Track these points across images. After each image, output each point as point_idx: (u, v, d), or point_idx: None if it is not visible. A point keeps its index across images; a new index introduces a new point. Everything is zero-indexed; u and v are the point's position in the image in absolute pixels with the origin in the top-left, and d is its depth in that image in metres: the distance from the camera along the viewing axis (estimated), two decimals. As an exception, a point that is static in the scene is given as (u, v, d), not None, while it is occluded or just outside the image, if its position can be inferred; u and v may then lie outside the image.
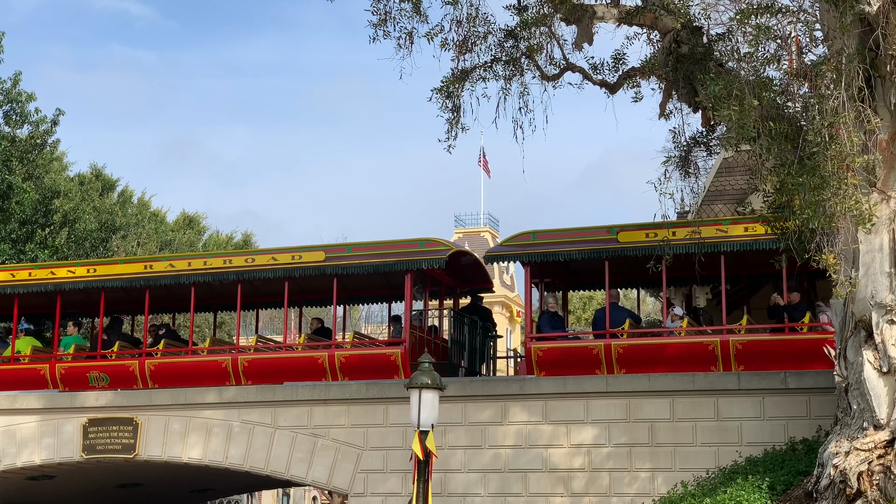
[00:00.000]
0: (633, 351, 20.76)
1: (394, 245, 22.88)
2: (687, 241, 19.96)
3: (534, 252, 21.51)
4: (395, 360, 21.99)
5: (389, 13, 18.61)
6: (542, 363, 21.08)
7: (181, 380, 23.36)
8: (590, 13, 17.83)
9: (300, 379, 22.62)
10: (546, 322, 21.87)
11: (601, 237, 21.23)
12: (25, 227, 36.69)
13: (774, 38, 15.93)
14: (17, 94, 37.28)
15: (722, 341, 20.18)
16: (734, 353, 20.09)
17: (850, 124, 14.29)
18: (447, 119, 18.97)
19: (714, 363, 20.18)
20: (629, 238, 20.84)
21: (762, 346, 20.16)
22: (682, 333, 20.92)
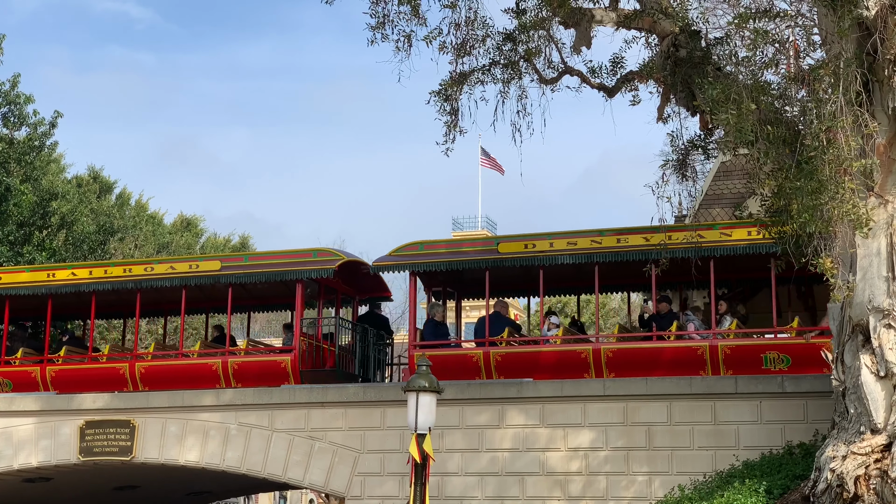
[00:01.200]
0: (510, 359, 21.51)
1: (287, 255, 23.91)
2: (564, 252, 21.11)
3: (419, 262, 22.26)
4: (286, 367, 22.76)
5: (388, 16, 18.60)
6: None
7: (81, 385, 24.05)
8: (588, 17, 17.84)
9: (195, 386, 23.32)
10: (430, 330, 22.62)
11: (483, 248, 22.24)
12: (23, 229, 36.68)
13: (772, 42, 15.94)
14: (15, 95, 37.28)
15: (594, 349, 21.01)
16: (605, 361, 20.82)
17: (847, 128, 14.30)
18: (445, 122, 18.97)
19: (587, 371, 20.96)
20: (509, 249, 21.67)
21: (630, 354, 20.88)
22: (557, 342, 21.56)
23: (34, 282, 24.81)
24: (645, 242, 20.65)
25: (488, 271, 21.94)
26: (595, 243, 21.14)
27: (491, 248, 22.12)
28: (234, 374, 23.19)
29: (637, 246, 20.82)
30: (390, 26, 18.61)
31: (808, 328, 20.56)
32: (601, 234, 21.32)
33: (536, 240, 21.67)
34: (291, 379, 22.62)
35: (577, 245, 21.11)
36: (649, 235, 20.53)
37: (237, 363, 23.27)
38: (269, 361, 23.35)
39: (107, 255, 40.18)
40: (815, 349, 18.90)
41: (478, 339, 22.38)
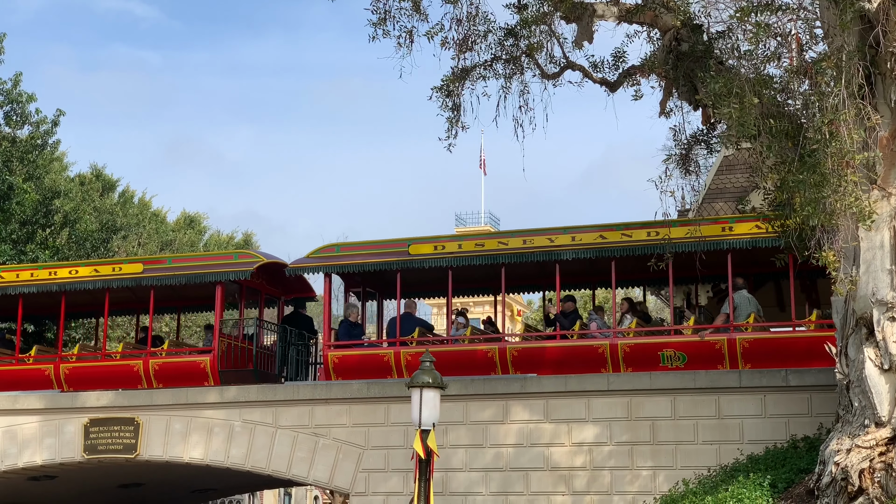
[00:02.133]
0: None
1: (209, 257, 25.14)
2: (474, 253, 21.78)
3: (333, 264, 22.84)
4: (205, 368, 23.26)
5: (389, 12, 18.60)
6: (338, 369, 22.33)
7: (7, 386, 24.39)
8: (590, 11, 17.83)
9: (119, 386, 23.84)
10: (344, 331, 23.05)
11: (395, 250, 22.53)
12: (26, 227, 36.70)
13: (774, 35, 15.91)
14: (17, 94, 37.28)
15: (500, 348, 21.56)
16: (511, 360, 21.29)
17: (850, 121, 14.28)
18: (447, 118, 18.97)
19: (493, 368, 21.42)
20: (419, 251, 22.20)
21: (534, 352, 21.56)
22: (465, 342, 22.25)
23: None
24: (549, 244, 21.32)
25: (400, 273, 22.44)
26: (502, 245, 21.75)
27: (403, 249, 22.44)
28: (156, 374, 23.68)
29: (542, 247, 21.37)
30: (392, 22, 18.63)
31: (704, 326, 21.05)
32: (510, 235, 21.99)
33: (446, 241, 22.49)
34: (211, 379, 23.13)
35: (484, 246, 21.76)
36: (554, 237, 21.36)
37: (158, 364, 23.73)
38: (188, 362, 23.81)
39: (110, 253, 40.20)
40: (710, 346, 20.13)
41: (388, 340, 23.00)
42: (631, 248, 20.89)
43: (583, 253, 21.08)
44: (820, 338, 18.91)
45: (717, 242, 20.24)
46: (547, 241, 21.37)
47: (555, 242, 21.28)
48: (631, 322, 21.46)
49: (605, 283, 22.46)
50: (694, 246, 20.06)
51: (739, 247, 20.19)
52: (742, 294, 20.86)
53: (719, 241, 20.23)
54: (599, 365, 20.81)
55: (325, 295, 23.31)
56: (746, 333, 20.20)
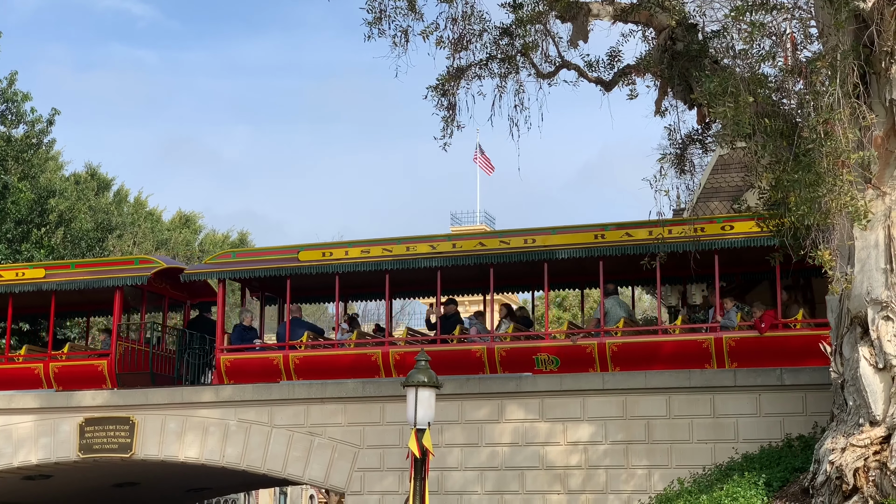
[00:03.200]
0: (309, 361, 22.71)
1: (110, 262, 25.61)
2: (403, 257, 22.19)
3: (226, 270, 23.64)
4: (102, 371, 23.68)
5: (384, 11, 18.58)
6: (230, 372, 22.98)
7: None
8: (585, 11, 17.83)
9: (19, 387, 24.16)
10: (237, 335, 23.80)
11: (285, 257, 23.33)
12: (21, 226, 36.65)
13: (769, 34, 15.91)
14: (12, 93, 37.26)
15: (383, 352, 22.17)
16: (394, 363, 21.91)
17: (845, 121, 14.30)
18: (443, 117, 18.99)
19: (377, 372, 22.10)
20: (308, 257, 22.87)
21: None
22: (352, 345, 22.96)
23: None
24: (431, 250, 22.09)
25: (290, 279, 23.06)
26: (386, 252, 22.44)
27: (293, 256, 23.16)
28: (55, 377, 24.08)
29: (423, 253, 22.08)
30: (387, 21, 18.61)
31: (577, 330, 21.86)
32: (396, 241, 22.69)
33: (334, 248, 23.20)
34: (108, 382, 23.56)
35: (370, 253, 22.48)
36: (436, 244, 22.24)
37: (58, 367, 24.11)
38: (87, 365, 24.21)
39: (105, 253, 40.15)
40: (581, 350, 20.78)
41: (278, 344, 23.54)
42: (512, 256, 21.52)
43: (463, 259, 21.82)
44: (692, 341, 20.36)
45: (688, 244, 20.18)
46: (429, 247, 22.15)
47: (437, 249, 22.08)
48: (508, 327, 22.14)
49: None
50: (627, 249, 20.60)
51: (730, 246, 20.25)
52: (613, 298, 21.64)
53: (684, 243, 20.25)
54: (478, 368, 21.45)
55: (219, 300, 23.98)
56: (616, 338, 20.80)
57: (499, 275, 22.13)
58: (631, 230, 20.93)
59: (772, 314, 20.07)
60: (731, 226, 20.05)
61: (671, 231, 20.26)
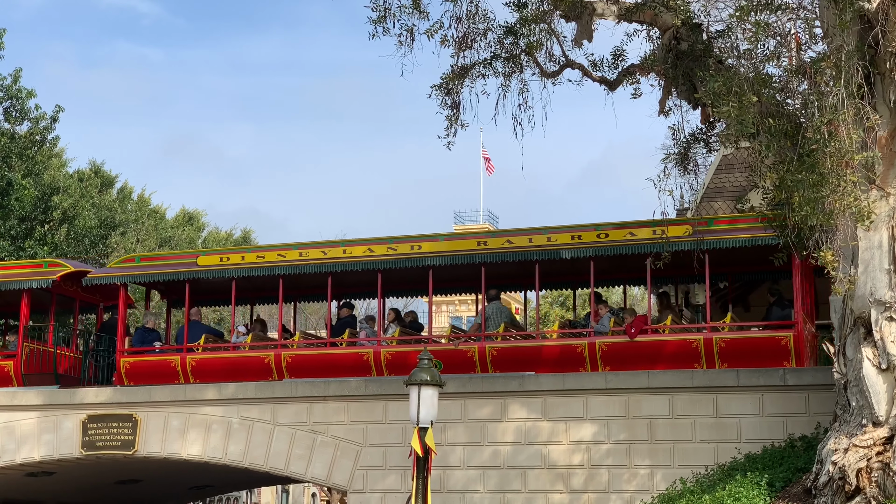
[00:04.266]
0: (206, 364, 23.31)
1: (19, 266, 26.26)
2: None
3: (128, 274, 24.17)
4: (9, 371, 24.30)
5: (389, 9, 18.60)
6: (130, 374, 23.55)
7: None
8: (589, 10, 17.83)
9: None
10: (138, 337, 24.47)
11: (185, 261, 24.12)
12: (25, 223, 36.70)
13: (774, 34, 15.92)
14: (17, 90, 37.30)
15: (276, 354, 22.88)
16: (286, 366, 22.56)
17: (849, 121, 14.30)
18: (447, 116, 18.99)
19: (270, 374, 22.70)
20: (207, 262, 23.66)
21: (309, 359, 22.79)
22: (246, 348, 23.47)
23: None
24: (323, 256, 22.70)
25: (189, 283, 23.57)
26: (280, 257, 23.10)
27: (192, 261, 23.91)
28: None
29: (315, 259, 22.68)
30: (392, 20, 18.62)
31: (459, 335, 22.85)
32: (290, 247, 23.42)
33: (231, 253, 24.24)
34: (14, 382, 24.13)
35: (265, 258, 23.16)
36: (326, 249, 22.90)
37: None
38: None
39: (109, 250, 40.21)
40: (463, 354, 21.48)
41: (175, 347, 23.97)
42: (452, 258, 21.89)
43: (352, 265, 22.34)
44: (568, 346, 21.05)
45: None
46: (321, 253, 22.84)
47: (328, 255, 22.73)
48: (395, 331, 22.80)
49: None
50: (573, 252, 21.00)
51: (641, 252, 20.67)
52: (495, 304, 22.30)
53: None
54: (365, 371, 22.09)
55: (120, 303, 24.40)
56: (496, 343, 21.53)
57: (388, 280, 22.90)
58: (512, 237, 21.73)
59: (642, 320, 20.82)
60: (663, 230, 20.23)
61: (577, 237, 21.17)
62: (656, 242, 19.98)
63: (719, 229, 20.29)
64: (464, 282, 23.61)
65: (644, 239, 20.45)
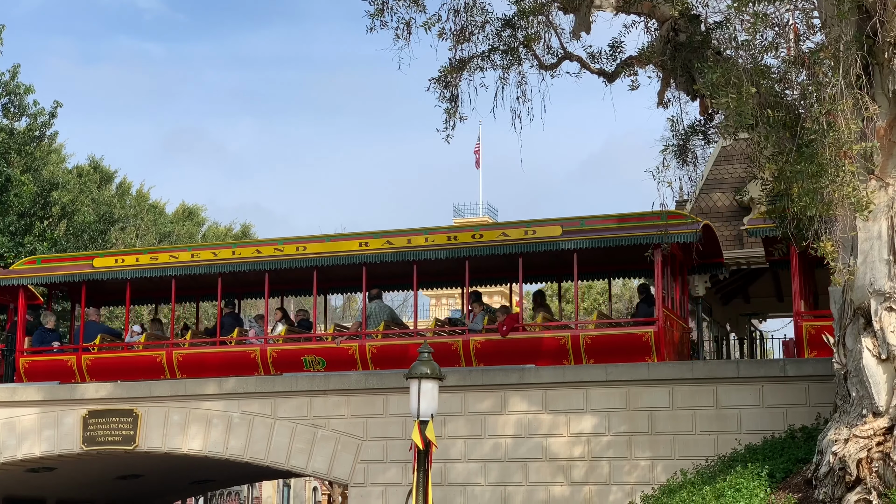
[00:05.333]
0: (99, 363, 24.10)
1: None
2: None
3: (26, 276, 24.74)
4: None
5: (387, 3, 18.53)
6: (28, 373, 24.31)
7: None
8: (587, 2, 17.78)
9: None
10: (37, 337, 24.99)
11: (82, 263, 24.72)
12: (24, 219, 36.69)
13: (772, 25, 15.88)
14: (15, 86, 37.28)
15: (167, 353, 23.61)
16: (177, 364, 23.44)
17: (847, 112, 14.26)
18: (445, 109, 18.93)
19: (162, 372, 23.62)
20: (102, 264, 24.22)
21: (199, 357, 23.61)
22: (140, 347, 24.37)
23: None
24: (213, 257, 23.61)
25: (86, 284, 24.30)
26: (173, 258, 23.91)
27: (88, 263, 24.47)
28: None
29: (205, 260, 23.50)
30: (389, 13, 18.55)
31: (341, 333, 23.72)
32: (183, 248, 24.64)
33: (126, 255, 24.98)
34: None
35: (158, 260, 23.92)
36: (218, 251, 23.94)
37: None
38: None
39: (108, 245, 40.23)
40: (345, 352, 22.34)
41: (71, 346, 24.57)
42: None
43: (240, 266, 23.20)
44: (445, 343, 21.65)
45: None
46: (211, 254, 23.76)
47: (218, 256, 23.60)
48: (282, 329, 23.57)
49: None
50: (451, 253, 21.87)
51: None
52: (376, 303, 23.16)
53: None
54: (253, 369, 22.92)
55: (20, 306, 24.91)
56: (376, 340, 22.28)
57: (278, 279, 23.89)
58: (392, 238, 22.52)
59: (513, 318, 21.61)
60: (533, 230, 21.26)
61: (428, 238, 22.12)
62: (528, 242, 21.04)
63: (589, 229, 21.12)
64: (349, 281, 24.46)
65: (516, 239, 21.35)
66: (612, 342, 20.80)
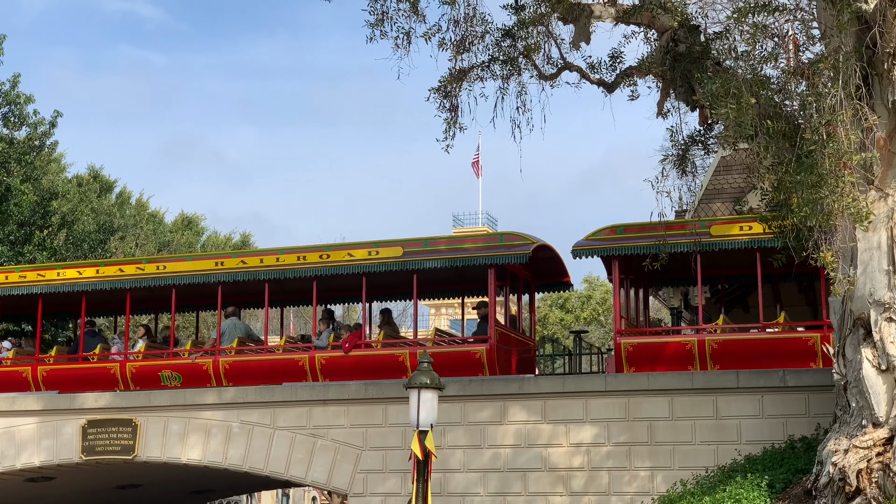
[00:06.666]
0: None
1: None
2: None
3: None
4: None
5: (387, 13, 18.55)
6: None
7: None
8: (587, 12, 17.80)
9: None
10: None
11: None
12: (24, 228, 36.69)
13: (772, 36, 15.93)
14: (15, 95, 37.30)
15: (32, 368, 24.55)
16: (41, 379, 24.21)
17: (847, 122, 14.28)
18: (445, 119, 18.94)
19: (28, 386, 24.39)
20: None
21: (70, 373, 24.45)
22: (9, 362, 24.94)
23: None
24: (78, 276, 24.56)
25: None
26: (40, 277, 24.76)
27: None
28: None
29: (70, 279, 24.44)
30: (389, 23, 18.56)
31: (195, 350, 24.11)
32: (50, 267, 25.61)
33: (24, 270, 25.55)
34: None
35: (65, 276, 24.61)
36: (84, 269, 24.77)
37: None
38: None
39: (107, 254, 40.21)
40: (199, 367, 23.11)
41: None
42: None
43: (104, 284, 24.15)
44: (291, 360, 22.71)
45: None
46: (76, 273, 24.69)
47: (98, 273, 24.44)
48: (142, 346, 24.65)
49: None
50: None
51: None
52: (230, 321, 23.99)
53: None
54: (113, 384, 23.74)
55: None
56: (229, 357, 23.15)
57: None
58: (246, 258, 23.76)
59: (356, 335, 22.64)
60: (377, 251, 22.28)
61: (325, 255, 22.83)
62: (372, 262, 22.12)
63: (430, 250, 22.08)
64: (208, 299, 24.84)
65: (360, 259, 22.30)
66: (448, 359, 21.35)
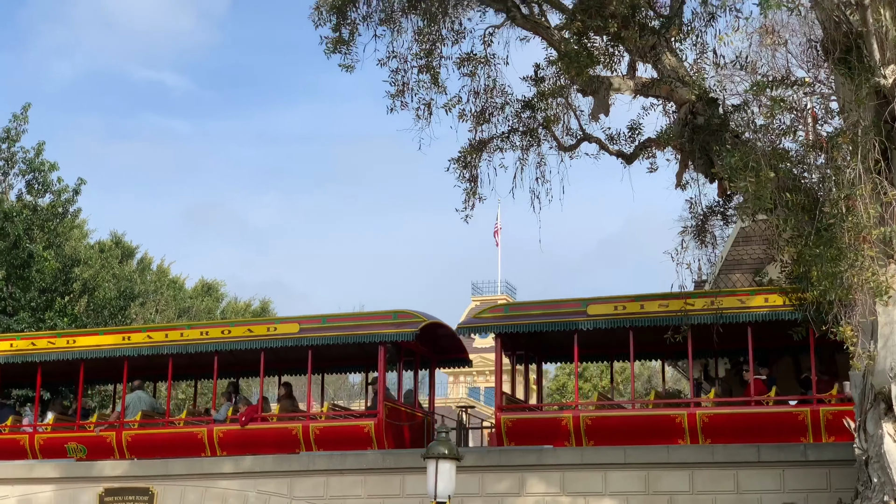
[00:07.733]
0: None
1: None
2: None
3: None
4: None
5: (407, 84, 18.76)
6: None
7: None
8: (606, 85, 17.93)
9: None
10: None
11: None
12: (45, 295, 36.85)
13: (790, 109, 15.99)
14: (39, 163, 37.68)
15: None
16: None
17: (866, 196, 14.31)
18: (464, 189, 19.06)
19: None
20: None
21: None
22: None
23: None
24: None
25: None
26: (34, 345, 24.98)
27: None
28: None
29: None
30: (410, 94, 18.78)
31: (102, 423, 24.42)
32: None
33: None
34: None
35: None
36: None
37: None
38: None
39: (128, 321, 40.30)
40: (103, 440, 23.71)
41: None
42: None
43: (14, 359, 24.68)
44: (192, 433, 23.28)
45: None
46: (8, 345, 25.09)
47: (12, 347, 24.95)
48: (51, 417, 24.92)
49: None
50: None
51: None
52: (135, 394, 24.54)
53: None
54: (22, 454, 24.19)
55: None
56: (133, 430, 23.72)
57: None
58: (152, 332, 24.37)
59: (253, 409, 23.11)
60: (275, 327, 23.37)
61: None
62: (270, 338, 22.94)
63: (327, 327, 22.82)
64: (110, 373, 25.51)
65: (259, 335, 23.19)
66: (339, 433, 22.23)
